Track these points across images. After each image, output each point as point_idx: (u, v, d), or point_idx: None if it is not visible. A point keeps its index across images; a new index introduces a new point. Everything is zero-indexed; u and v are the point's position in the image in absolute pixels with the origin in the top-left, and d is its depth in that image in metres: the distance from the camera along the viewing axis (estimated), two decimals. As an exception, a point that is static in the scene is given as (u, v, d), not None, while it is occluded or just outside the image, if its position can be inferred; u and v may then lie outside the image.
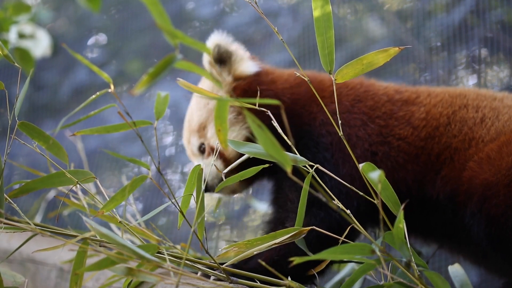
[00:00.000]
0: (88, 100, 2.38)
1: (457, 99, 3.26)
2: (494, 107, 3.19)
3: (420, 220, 3.19)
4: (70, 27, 6.50)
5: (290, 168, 2.06)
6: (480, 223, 2.90)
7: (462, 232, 3.03)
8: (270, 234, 2.63)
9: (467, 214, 2.96)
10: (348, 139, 3.17)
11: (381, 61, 2.52)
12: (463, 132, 3.15)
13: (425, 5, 4.61)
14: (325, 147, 3.19)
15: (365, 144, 3.20)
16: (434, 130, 3.20)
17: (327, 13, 2.51)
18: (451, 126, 3.19)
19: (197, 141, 3.41)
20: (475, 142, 3.10)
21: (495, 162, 2.95)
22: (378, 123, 3.26)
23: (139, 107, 5.55)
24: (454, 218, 3.07)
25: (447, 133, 3.18)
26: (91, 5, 4.52)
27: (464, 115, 3.20)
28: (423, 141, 3.20)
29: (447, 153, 3.14)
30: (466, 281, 2.39)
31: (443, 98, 3.28)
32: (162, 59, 2.07)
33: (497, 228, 2.85)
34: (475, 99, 3.25)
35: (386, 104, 3.31)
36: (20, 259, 3.66)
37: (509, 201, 2.84)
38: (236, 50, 3.36)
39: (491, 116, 3.15)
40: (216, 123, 2.17)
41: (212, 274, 2.69)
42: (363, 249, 2.28)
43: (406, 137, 3.21)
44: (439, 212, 3.14)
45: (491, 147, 3.03)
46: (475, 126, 3.14)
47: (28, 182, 2.75)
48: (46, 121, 6.06)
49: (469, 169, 3.03)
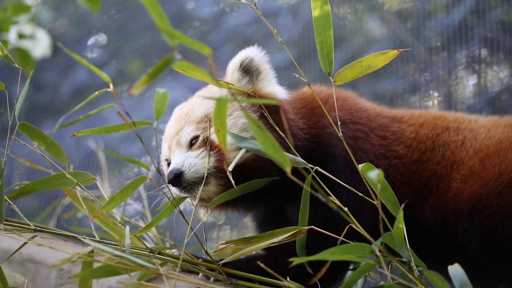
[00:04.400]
0: (88, 99, 2.38)
1: (439, 121, 3.28)
2: (472, 128, 3.23)
3: (412, 246, 3.17)
4: (70, 27, 6.50)
5: (290, 168, 2.05)
6: (474, 237, 2.91)
7: (458, 253, 3.04)
8: (268, 232, 2.62)
9: (460, 232, 2.97)
10: (354, 153, 3.07)
11: (380, 63, 2.53)
12: (446, 157, 3.18)
13: (425, 5, 4.60)
14: (343, 169, 3.12)
15: (370, 155, 3.19)
16: (422, 154, 3.22)
17: (326, 13, 2.51)
18: (436, 151, 3.21)
19: (192, 132, 3.21)
20: (456, 165, 3.13)
21: (480, 175, 2.98)
22: (377, 134, 3.26)
23: (139, 107, 5.56)
24: (448, 241, 3.07)
25: (432, 160, 3.20)
26: (91, 5, 4.52)
27: (447, 138, 3.22)
28: (414, 165, 3.20)
29: (433, 181, 3.16)
30: (466, 281, 2.39)
31: (426, 119, 3.30)
32: (161, 59, 2.06)
33: (495, 238, 2.86)
34: (455, 122, 3.27)
35: (377, 117, 3.31)
36: (20, 259, 3.66)
37: (503, 209, 2.85)
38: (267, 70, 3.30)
39: (470, 138, 3.19)
40: (215, 123, 2.16)
41: (211, 275, 2.69)
42: (363, 249, 2.28)
43: (402, 156, 3.22)
44: (430, 238, 3.13)
45: (472, 162, 3.06)
46: (456, 150, 3.17)
47: (28, 184, 2.75)
48: (46, 121, 6.05)
49: (454, 188, 3.05)
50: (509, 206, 2.84)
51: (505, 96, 4.40)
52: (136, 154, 5.34)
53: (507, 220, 2.83)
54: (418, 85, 4.61)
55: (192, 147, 3.06)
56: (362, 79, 3.55)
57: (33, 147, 2.81)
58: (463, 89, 4.55)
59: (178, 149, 3.07)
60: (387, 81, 4.54)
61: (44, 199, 5.70)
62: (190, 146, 3.07)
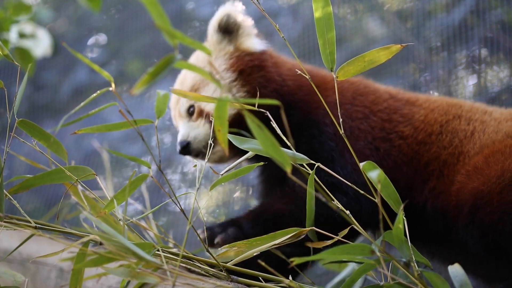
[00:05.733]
0: (90, 98, 2.38)
1: (453, 108, 3.29)
2: (484, 120, 3.23)
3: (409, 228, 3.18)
4: (70, 27, 6.49)
5: (290, 168, 2.05)
6: (474, 234, 2.91)
7: (456, 246, 3.04)
8: (270, 234, 2.62)
9: (460, 228, 2.98)
10: (350, 132, 3.20)
11: (382, 58, 2.52)
12: (454, 144, 3.18)
13: (425, 5, 4.60)
14: (330, 137, 3.20)
15: (368, 137, 3.22)
16: (427, 136, 3.23)
17: (328, 14, 2.51)
18: (442, 136, 3.21)
19: (187, 102, 3.40)
20: (463, 157, 3.13)
21: (483, 171, 2.98)
22: (380, 116, 3.28)
23: (139, 107, 5.56)
24: (448, 234, 3.07)
25: (437, 143, 3.20)
26: (92, 5, 4.52)
27: (456, 126, 3.22)
28: (418, 145, 3.22)
29: (436, 164, 3.17)
30: (466, 281, 2.39)
31: (440, 105, 3.31)
32: (162, 59, 2.07)
33: (494, 235, 2.86)
34: (469, 111, 3.28)
35: (389, 100, 3.34)
36: (20, 259, 3.66)
37: (503, 207, 2.85)
38: (245, 24, 3.39)
39: (479, 130, 3.19)
40: (216, 123, 2.16)
41: (212, 272, 2.69)
42: (363, 249, 2.28)
43: (407, 136, 3.23)
44: (427, 223, 3.14)
45: (477, 159, 3.06)
46: (465, 139, 3.17)
47: (28, 178, 2.75)
48: (46, 121, 6.05)
49: (457, 183, 3.06)
50: (509, 204, 2.84)
51: (505, 96, 4.40)
52: (136, 154, 5.34)
53: (507, 218, 2.83)
54: (418, 85, 4.61)
55: (192, 117, 3.37)
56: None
57: (32, 145, 2.80)
58: (463, 89, 4.55)
59: (181, 120, 3.41)
60: (387, 81, 4.53)
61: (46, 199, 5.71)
62: (190, 116, 3.38)
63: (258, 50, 3.39)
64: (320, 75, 3.36)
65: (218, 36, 3.39)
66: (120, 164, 5.66)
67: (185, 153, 3.32)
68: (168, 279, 2.35)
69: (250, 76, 3.30)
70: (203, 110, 3.36)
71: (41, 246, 3.44)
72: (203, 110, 3.36)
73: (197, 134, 3.32)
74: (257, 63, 3.35)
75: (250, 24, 3.42)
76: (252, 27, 3.42)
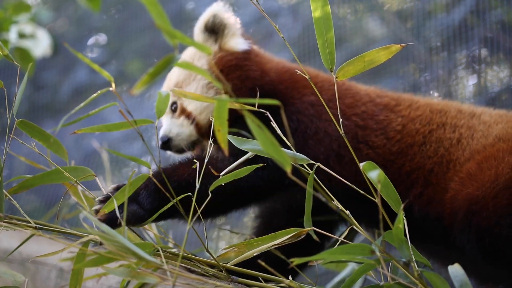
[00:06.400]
0: (90, 98, 2.38)
1: (437, 116, 3.24)
2: (471, 125, 3.19)
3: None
4: (70, 27, 6.49)
5: (290, 168, 2.05)
6: (471, 238, 2.90)
7: (453, 250, 3.04)
8: (270, 234, 2.62)
9: (456, 233, 2.97)
10: (314, 132, 3.18)
11: (382, 58, 2.52)
12: (439, 153, 3.15)
13: (425, 5, 4.60)
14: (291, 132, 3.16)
15: (334, 144, 3.19)
16: (407, 147, 3.19)
17: (327, 14, 2.51)
18: (426, 146, 3.18)
19: (170, 99, 3.40)
20: (453, 164, 3.11)
21: (476, 177, 2.97)
22: (355, 121, 3.24)
23: (139, 107, 5.55)
24: (443, 238, 3.07)
25: (421, 153, 3.17)
26: (91, 5, 4.52)
27: (441, 135, 3.19)
28: (393, 156, 3.19)
29: (419, 173, 3.14)
30: (466, 281, 2.39)
31: (423, 113, 3.26)
32: (162, 59, 2.07)
33: (491, 239, 2.85)
34: (454, 118, 3.23)
35: (367, 104, 3.30)
36: (20, 259, 3.66)
37: (499, 211, 2.85)
38: (231, 24, 3.40)
39: (467, 136, 3.16)
40: (215, 123, 2.16)
41: (212, 272, 2.69)
42: (363, 249, 2.28)
43: (378, 147, 3.20)
44: (420, 226, 3.11)
45: (470, 165, 3.04)
46: (451, 148, 3.15)
47: (28, 179, 2.76)
48: (46, 121, 6.06)
49: (451, 190, 3.05)
50: (505, 207, 2.84)
51: (505, 96, 4.40)
52: (136, 154, 5.34)
53: (504, 221, 2.83)
54: (418, 85, 4.61)
55: (175, 114, 3.38)
56: (362, 79, 3.55)
57: (31, 146, 2.80)
58: (463, 89, 4.55)
59: (165, 115, 3.39)
60: (387, 81, 4.53)
61: (45, 199, 5.71)
62: (173, 112, 3.39)
63: (240, 49, 3.39)
64: (311, 74, 3.33)
65: (204, 36, 3.40)
66: (120, 164, 5.66)
67: (166, 148, 3.34)
68: (168, 279, 2.34)
69: (228, 76, 3.29)
70: (185, 109, 3.37)
71: (41, 246, 3.44)
72: (185, 109, 3.37)
73: (180, 132, 3.34)
74: (235, 63, 3.34)
75: (237, 24, 3.42)
76: (238, 26, 3.42)
